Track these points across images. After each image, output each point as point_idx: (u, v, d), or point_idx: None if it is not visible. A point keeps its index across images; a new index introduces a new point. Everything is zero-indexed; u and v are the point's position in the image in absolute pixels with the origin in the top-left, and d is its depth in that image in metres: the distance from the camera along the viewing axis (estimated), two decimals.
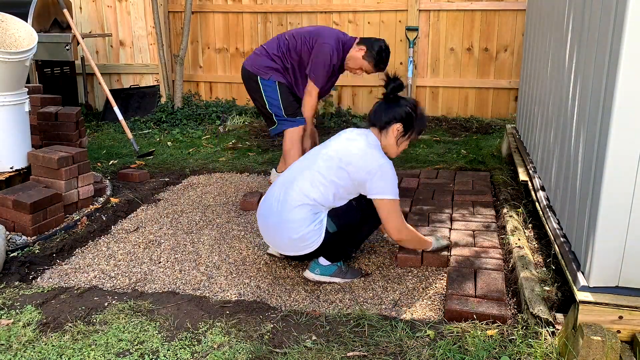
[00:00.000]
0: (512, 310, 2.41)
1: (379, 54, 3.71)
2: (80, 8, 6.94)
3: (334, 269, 2.73)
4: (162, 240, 3.31)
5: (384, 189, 2.57)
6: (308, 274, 2.76)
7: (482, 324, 2.27)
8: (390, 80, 2.69)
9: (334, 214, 2.65)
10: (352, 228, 2.69)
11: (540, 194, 3.14)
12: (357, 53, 3.75)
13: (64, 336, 2.25)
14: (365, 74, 3.89)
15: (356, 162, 2.59)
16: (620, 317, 1.99)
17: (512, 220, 3.22)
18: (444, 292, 2.59)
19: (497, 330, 2.21)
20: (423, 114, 2.76)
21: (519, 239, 2.94)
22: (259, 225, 2.80)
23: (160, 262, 3.02)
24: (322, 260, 2.72)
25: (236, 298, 2.62)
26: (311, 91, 3.84)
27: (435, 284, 2.70)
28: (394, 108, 2.68)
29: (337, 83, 6.44)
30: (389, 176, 2.59)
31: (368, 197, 2.62)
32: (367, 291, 2.66)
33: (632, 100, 1.88)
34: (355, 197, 2.70)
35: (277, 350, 2.14)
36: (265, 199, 2.77)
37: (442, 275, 2.78)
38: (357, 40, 3.81)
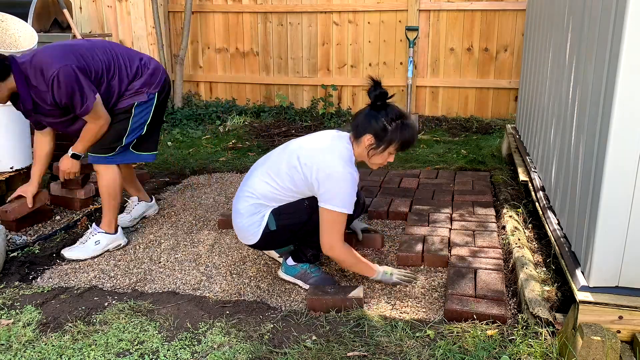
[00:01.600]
0: (512, 310, 2.41)
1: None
2: (80, 8, 6.95)
3: (297, 271, 2.70)
4: (162, 240, 3.31)
5: (331, 198, 2.40)
6: (279, 272, 2.79)
7: (482, 324, 2.27)
8: (372, 88, 2.48)
9: (279, 212, 2.56)
10: (294, 229, 2.58)
11: (540, 194, 3.14)
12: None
13: (64, 336, 2.25)
14: None
15: (311, 164, 2.44)
16: (620, 317, 1.99)
17: (512, 220, 3.22)
18: (444, 292, 2.59)
19: (497, 330, 2.21)
20: (406, 127, 2.47)
21: (519, 239, 2.94)
22: None
23: (160, 262, 3.03)
24: (289, 260, 2.73)
25: (236, 298, 2.62)
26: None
27: (435, 284, 2.70)
28: (371, 118, 2.47)
29: (337, 83, 6.49)
30: (341, 187, 2.40)
31: (318, 203, 2.47)
32: (367, 291, 2.66)
33: (632, 100, 1.87)
34: (310, 196, 2.56)
35: (277, 350, 2.14)
36: None
37: (442, 275, 2.78)
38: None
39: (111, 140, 3.02)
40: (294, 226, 2.58)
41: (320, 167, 2.42)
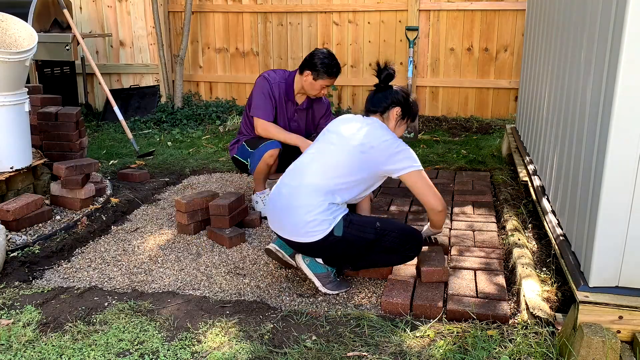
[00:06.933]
0: (512, 310, 2.41)
1: (322, 65, 3.42)
2: (80, 8, 6.94)
3: (322, 271, 2.64)
4: (162, 240, 3.31)
5: (407, 163, 2.59)
6: (298, 257, 2.69)
7: (482, 324, 2.27)
8: (381, 70, 2.74)
9: (350, 221, 2.56)
10: (358, 244, 2.59)
11: (540, 194, 3.14)
12: (307, 80, 3.49)
13: (64, 336, 2.25)
14: (330, 88, 3.60)
15: (378, 145, 2.57)
16: (620, 317, 1.99)
17: (512, 220, 3.22)
18: (444, 293, 2.59)
19: (497, 330, 2.21)
20: (415, 99, 2.81)
21: (519, 239, 2.94)
22: (267, 210, 2.74)
23: (160, 262, 3.02)
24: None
25: (236, 298, 2.61)
26: (255, 125, 3.58)
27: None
28: (390, 94, 2.73)
29: (337, 83, 6.48)
30: (406, 151, 2.62)
31: (394, 177, 2.63)
32: (368, 291, 2.66)
33: (632, 100, 1.87)
34: (381, 219, 2.69)
35: (277, 350, 2.14)
36: (276, 186, 2.72)
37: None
38: (297, 72, 3.57)
39: None
40: (357, 241, 2.57)
41: (384, 146, 2.58)
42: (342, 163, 2.59)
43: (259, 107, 3.54)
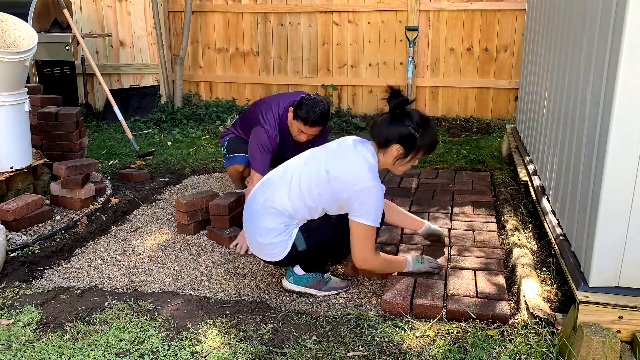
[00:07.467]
0: (512, 310, 2.41)
1: (300, 108, 3.15)
2: (80, 8, 6.95)
3: (309, 280, 2.61)
4: (162, 240, 3.31)
5: (364, 213, 2.37)
6: (284, 282, 2.66)
7: (482, 324, 2.27)
8: (392, 96, 2.44)
9: (307, 230, 2.49)
10: (324, 246, 2.54)
11: (540, 193, 3.14)
12: (290, 116, 3.26)
13: (64, 336, 2.25)
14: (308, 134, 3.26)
15: (343, 178, 2.40)
16: (620, 317, 1.99)
17: (512, 220, 3.22)
18: (444, 293, 2.59)
19: (497, 330, 2.21)
20: (431, 132, 2.46)
21: (519, 239, 2.94)
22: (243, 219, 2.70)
23: (160, 262, 3.03)
24: (297, 269, 2.61)
25: (236, 298, 2.61)
26: (252, 177, 3.34)
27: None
28: (395, 126, 2.43)
29: (337, 83, 6.49)
30: (373, 201, 2.38)
31: (349, 217, 2.44)
32: (367, 291, 2.66)
33: (632, 100, 1.87)
34: (337, 213, 2.53)
35: (277, 350, 2.14)
36: (252, 192, 2.63)
37: (442, 276, 2.77)
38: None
39: None
40: (324, 243, 2.53)
41: (352, 181, 2.39)
42: (305, 187, 2.46)
43: (255, 159, 3.35)
